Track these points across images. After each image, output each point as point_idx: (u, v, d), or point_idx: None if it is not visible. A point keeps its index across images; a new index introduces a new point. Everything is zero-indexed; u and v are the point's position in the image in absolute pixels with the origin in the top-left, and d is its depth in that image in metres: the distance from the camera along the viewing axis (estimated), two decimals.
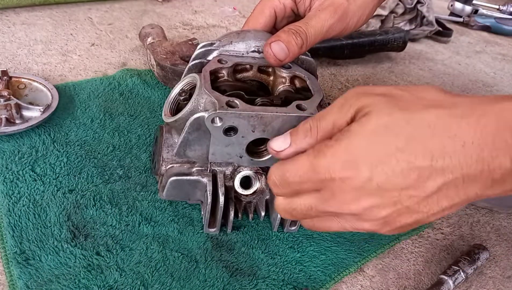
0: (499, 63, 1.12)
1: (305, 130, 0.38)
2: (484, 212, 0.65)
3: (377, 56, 1.01)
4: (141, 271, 0.48)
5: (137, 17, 0.99)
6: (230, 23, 1.06)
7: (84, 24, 0.92)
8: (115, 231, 0.51)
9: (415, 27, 1.09)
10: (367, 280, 0.53)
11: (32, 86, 0.68)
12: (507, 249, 0.60)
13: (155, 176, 0.58)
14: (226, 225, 0.53)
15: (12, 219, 0.50)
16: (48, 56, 0.80)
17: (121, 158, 0.61)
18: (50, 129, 0.62)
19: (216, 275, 0.49)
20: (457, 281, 0.52)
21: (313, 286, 0.50)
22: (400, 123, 0.33)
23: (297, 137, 0.38)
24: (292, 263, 0.52)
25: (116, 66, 0.81)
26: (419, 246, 0.58)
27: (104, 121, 0.66)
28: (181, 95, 0.50)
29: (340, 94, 0.85)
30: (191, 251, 0.51)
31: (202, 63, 0.52)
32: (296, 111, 0.44)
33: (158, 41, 0.79)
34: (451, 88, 0.96)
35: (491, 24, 1.27)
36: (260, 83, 0.53)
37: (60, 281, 0.45)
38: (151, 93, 0.74)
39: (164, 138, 0.53)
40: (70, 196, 0.54)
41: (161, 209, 0.55)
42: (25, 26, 0.87)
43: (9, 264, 0.46)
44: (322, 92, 0.49)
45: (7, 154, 0.57)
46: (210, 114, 0.42)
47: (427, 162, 0.32)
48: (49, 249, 0.48)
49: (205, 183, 0.50)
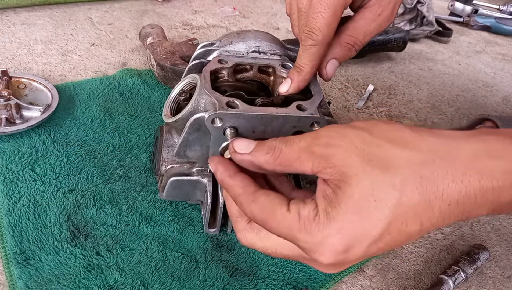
0: (499, 63, 1.12)
1: (269, 148, 0.36)
2: None
3: (377, 56, 1.01)
4: (141, 271, 0.48)
5: (137, 17, 0.99)
6: (230, 23, 1.06)
7: (84, 24, 0.92)
8: (115, 231, 0.51)
9: (415, 27, 1.09)
10: (367, 280, 0.53)
11: (32, 86, 0.68)
12: (507, 249, 0.60)
13: (155, 176, 0.58)
14: (226, 225, 0.53)
15: (12, 219, 0.50)
16: (48, 56, 0.80)
17: (121, 158, 0.61)
18: (50, 129, 0.62)
19: (216, 275, 0.49)
20: (457, 281, 0.52)
21: (313, 286, 0.50)
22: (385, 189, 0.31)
23: (260, 149, 0.36)
24: (292, 263, 0.52)
25: (116, 66, 0.81)
26: (419, 246, 0.58)
27: (104, 121, 0.66)
28: (181, 95, 0.50)
29: (340, 94, 0.86)
30: (191, 251, 0.51)
31: (202, 63, 0.52)
32: (296, 111, 0.44)
33: (158, 41, 0.79)
34: (451, 88, 0.96)
35: (491, 24, 1.27)
36: (260, 83, 0.53)
37: (60, 281, 0.45)
38: (151, 93, 0.74)
39: (164, 138, 0.53)
40: (70, 196, 0.54)
41: (161, 209, 0.55)
42: (25, 26, 0.87)
43: (9, 264, 0.46)
44: (322, 92, 0.49)
45: (7, 154, 0.57)
46: (210, 114, 0.42)
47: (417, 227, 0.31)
48: (49, 249, 0.48)
49: (205, 184, 0.50)
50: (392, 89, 0.91)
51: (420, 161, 0.31)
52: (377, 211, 0.30)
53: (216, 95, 0.44)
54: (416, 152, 0.31)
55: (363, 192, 0.31)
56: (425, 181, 0.30)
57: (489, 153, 0.31)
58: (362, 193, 0.31)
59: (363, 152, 0.32)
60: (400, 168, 0.31)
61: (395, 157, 0.31)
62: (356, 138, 0.33)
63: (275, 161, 0.35)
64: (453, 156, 0.31)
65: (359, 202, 0.31)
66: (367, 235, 0.31)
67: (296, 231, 0.33)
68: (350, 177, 0.31)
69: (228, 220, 0.52)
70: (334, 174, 0.32)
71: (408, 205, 0.30)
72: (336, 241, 0.31)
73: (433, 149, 0.31)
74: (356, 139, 0.33)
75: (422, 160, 0.31)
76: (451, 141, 0.32)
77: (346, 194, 0.31)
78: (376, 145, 0.32)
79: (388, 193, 0.30)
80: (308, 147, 0.34)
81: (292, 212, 0.33)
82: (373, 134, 0.33)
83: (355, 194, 0.31)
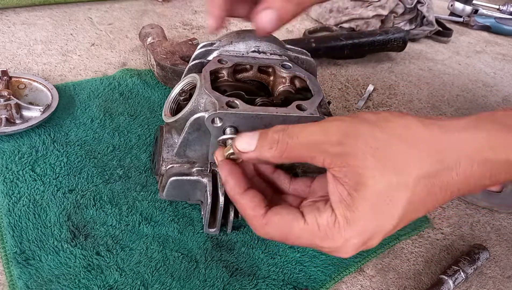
0: (499, 63, 1.12)
1: (272, 142, 0.36)
2: (484, 212, 0.65)
3: (377, 56, 1.01)
4: (141, 271, 0.48)
5: (137, 17, 0.99)
6: (230, 23, 1.06)
7: (84, 24, 0.92)
8: (115, 231, 0.51)
9: (415, 27, 1.09)
10: (367, 280, 0.53)
11: (32, 86, 0.68)
12: (507, 249, 0.60)
13: (155, 176, 0.58)
14: (226, 225, 0.53)
15: (12, 219, 0.50)
16: (48, 56, 0.80)
17: (121, 158, 0.61)
18: (50, 129, 0.62)
19: (216, 275, 0.49)
20: (457, 281, 0.52)
21: (313, 286, 0.50)
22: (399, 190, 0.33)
23: (263, 144, 0.36)
24: (292, 263, 0.52)
25: (116, 66, 0.81)
26: (419, 246, 0.58)
27: (104, 121, 0.66)
28: (181, 95, 0.50)
29: (340, 94, 0.86)
30: (191, 251, 0.51)
31: (202, 63, 0.52)
32: (296, 111, 0.44)
33: (158, 41, 0.79)
34: (451, 88, 0.96)
35: (491, 24, 1.27)
36: (260, 83, 0.53)
37: (60, 281, 0.45)
38: (151, 93, 0.74)
39: (164, 138, 0.53)
40: (70, 196, 0.54)
41: (161, 209, 0.55)
42: (25, 26, 0.87)
43: (9, 264, 0.46)
44: (322, 92, 0.49)
45: (7, 154, 0.57)
46: (210, 114, 0.42)
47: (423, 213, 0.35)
48: (49, 249, 0.48)
49: (205, 183, 0.50)
50: (392, 89, 0.91)
51: (430, 162, 0.33)
52: (391, 210, 0.33)
53: (216, 95, 0.44)
54: (426, 153, 0.33)
55: (380, 194, 0.33)
56: (434, 179, 0.33)
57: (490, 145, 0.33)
58: (379, 195, 0.33)
59: (377, 151, 0.33)
60: (412, 169, 0.33)
61: (407, 157, 0.33)
62: (369, 137, 0.34)
63: (281, 155, 0.36)
64: (459, 151, 0.33)
65: (376, 204, 0.33)
66: (382, 231, 0.34)
67: (318, 240, 0.35)
68: (367, 179, 0.33)
69: (228, 220, 0.52)
70: (349, 174, 0.33)
71: (418, 201, 0.34)
72: (356, 241, 0.34)
73: (442, 148, 0.33)
74: (369, 139, 0.34)
75: (432, 161, 0.33)
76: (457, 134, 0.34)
77: (363, 197, 0.33)
78: (390, 145, 0.33)
79: (401, 193, 0.33)
80: (319, 145, 0.34)
81: (310, 223, 0.35)
82: (384, 131, 0.34)
83: (373, 197, 0.33)
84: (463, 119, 0.35)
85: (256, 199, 0.38)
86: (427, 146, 0.33)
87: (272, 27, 0.45)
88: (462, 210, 0.65)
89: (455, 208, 0.65)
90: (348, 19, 1.04)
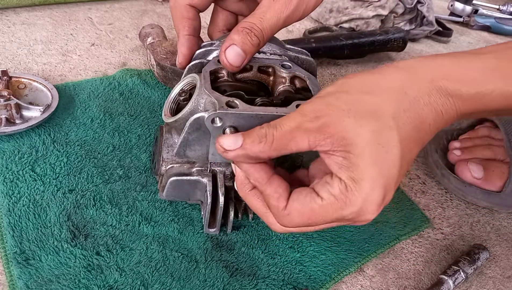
0: None
1: (260, 136, 0.36)
2: (484, 212, 0.65)
3: (377, 56, 1.01)
4: (141, 271, 0.48)
5: (137, 17, 0.99)
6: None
7: (84, 24, 0.92)
8: (115, 231, 0.51)
9: (415, 27, 1.09)
10: (367, 280, 0.53)
11: (32, 86, 0.68)
12: (507, 249, 0.60)
13: (155, 176, 0.58)
14: (226, 225, 0.53)
15: (12, 219, 0.50)
16: (48, 56, 0.80)
17: (121, 158, 0.61)
18: (50, 129, 0.62)
19: (216, 275, 0.49)
20: (457, 281, 0.52)
21: (313, 286, 0.50)
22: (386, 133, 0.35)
23: (250, 140, 0.36)
24: (292, 263, 0.52)
25: (116, 66, 0.81)
26: (419, 246, 0.58)
27: (104, 121, 0.66)
28: (181, 95, 0.50)
29: None
30: (191, 251, 0.51)
31: (202, 63, 0.52)
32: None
33: (158, 41, 0.79)
34: None
35: (491, 24, 1.27)
36: (260, 83, 0.53)
37: (60, 281, 0.45)
38: (151, 93, 0.74)
39: (164, 138, 0.53)
40: (70, 196, 0.54)
41: (161, 209, 0.55)
42: (25, 26, 0.87)
43: (9, 264, 0.46)
44: None
45: (7, 154, 0.57)
46: (210, 114, 0.42)
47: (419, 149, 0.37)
48: (49, 249, 0.48)
49: (205, 183, 0.50)
50: None
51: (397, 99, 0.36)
52: (388, 153, 0.34)
53: (216, 95, 0.44)
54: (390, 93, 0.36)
55: (370, 144, 0.34)
56: (408, 112, 0.36)
57: (443, 75, 0.37)
58: (370, 145, 0.34)
59: (350, 111, 0.35)
60: (387, 112, 0.35)
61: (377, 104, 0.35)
62: (339, 102, 0.36)
63: (270, 147, 0.36)
64: (418, 81, 0.37)
65: (372, 154, 0.34)
66: (392, 176, 0.35)
67: (340, 210, 0.35)
68: (352, 137, 0.34)
69: (228, 220, 0.52)
70: (335, 142, 0.35)
71: (407, 137, 0.35)
72: (374, 197, 0.35)
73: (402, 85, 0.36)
74: (339, 103, 0.35)
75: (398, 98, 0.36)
76: (415, 69, 0.38)
77: (357, 154, 0.34)
78: (358, 101, 0.36)
79: (389, 135, 0.35)
80: (299, 126, 0.36)
81: (325, 197, 0.36)
82: (349, 92, 0.37)
83: (366, 149, 0.34)
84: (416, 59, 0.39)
85: (280, 190, 0.38)
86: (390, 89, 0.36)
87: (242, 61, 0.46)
88: (462, 210, 0.65)
89: (455, 208, 0.65)
90: (348, 19, 1.04)
